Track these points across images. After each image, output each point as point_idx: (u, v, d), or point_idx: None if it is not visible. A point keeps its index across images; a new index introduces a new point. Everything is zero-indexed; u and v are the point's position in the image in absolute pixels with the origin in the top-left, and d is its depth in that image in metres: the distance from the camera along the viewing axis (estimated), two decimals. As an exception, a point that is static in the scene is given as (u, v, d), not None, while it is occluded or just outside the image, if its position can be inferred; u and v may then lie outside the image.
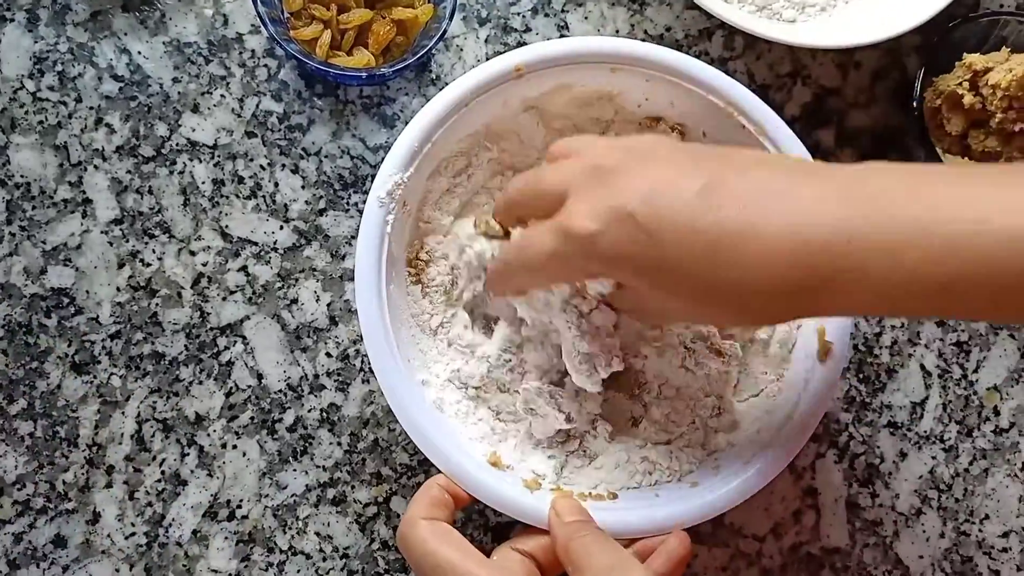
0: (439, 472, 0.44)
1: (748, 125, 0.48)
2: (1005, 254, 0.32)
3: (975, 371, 0.55)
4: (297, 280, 0.52)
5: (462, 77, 0.47)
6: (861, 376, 0.54)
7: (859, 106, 0.57)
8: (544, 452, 0.48)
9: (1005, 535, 0.54)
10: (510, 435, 0.48)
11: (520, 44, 0.55)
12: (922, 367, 0.55)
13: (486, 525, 0.51)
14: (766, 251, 0.35)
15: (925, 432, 0.54)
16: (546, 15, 0.55)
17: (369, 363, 0.51)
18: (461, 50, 0.55)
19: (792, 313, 0.39)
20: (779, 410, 0.47)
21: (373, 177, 0.52)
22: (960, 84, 0.53)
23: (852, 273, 0.34)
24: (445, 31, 0.50)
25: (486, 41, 0.55)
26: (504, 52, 0.50)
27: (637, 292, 0.39)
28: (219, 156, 0.52)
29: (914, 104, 0.53)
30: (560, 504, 0.43)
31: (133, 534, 0.49)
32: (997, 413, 0.55)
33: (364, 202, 0.52)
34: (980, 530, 0.54)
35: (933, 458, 0.54)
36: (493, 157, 0.51)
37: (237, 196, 0.52)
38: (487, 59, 0.53)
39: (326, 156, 0.53)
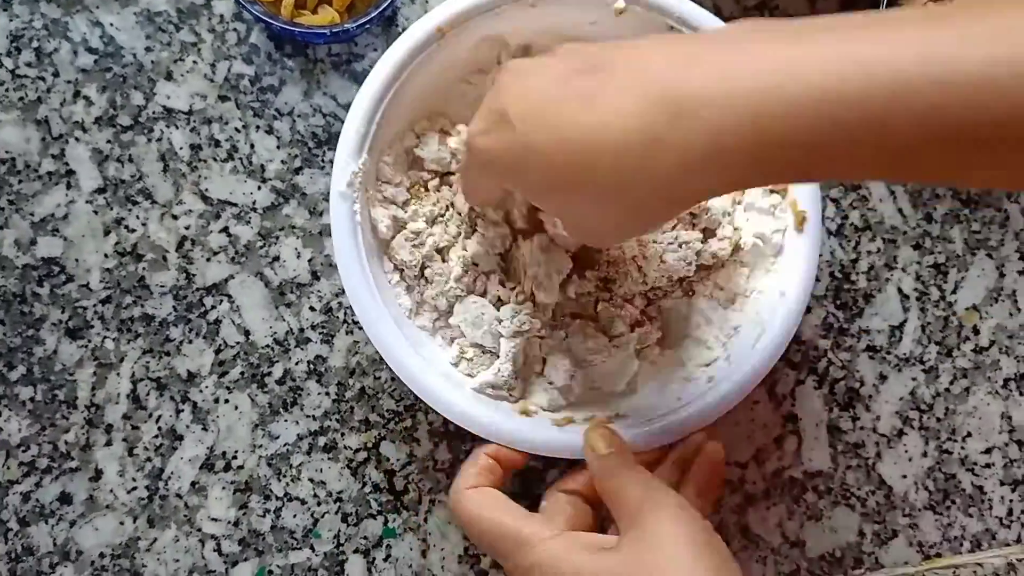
0: (431, 414, 0.47)
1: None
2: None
3: (953, 292, 0.56)
4: (278, 238, 0.53)
5: (388, 51, 0.48)
6: (838, 303, 0.55)
7: (827, 34, 0.57)
8: (540, 384, 0.50)
9: (988, 451, 0.55)
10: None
11: (485, -7, 0.55)
12: (899, 290, 0.55)
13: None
14: (620, 111, 0.33)
15: (904, 354, 0.55)
16: (508, -38, 0.56)
17: (353, 315, 0.53)
18: (427, 1, 0.55)
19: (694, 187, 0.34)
20: (751, 329, 0.49)
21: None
22: (926, 4, 0.53)
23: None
24: (405, -17, 0.50)
25: (450, -8, 0.55)
26: None
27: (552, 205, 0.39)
28: (195, 121, 0.53)
29: (879, 28, 0.53)
30: (592, 438, 0.44)
31: (135, 488, 0.51)
32: (976, 332, 0.56)
33: (338, 158, 0.53)
34: (963, 448, 0.55)
35: (913, 379, 0.55)
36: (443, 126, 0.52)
37: (214, 159, 0.53)
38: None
39: (299, 115, 0.54)
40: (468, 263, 0.49)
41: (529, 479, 0.52)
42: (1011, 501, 0.55)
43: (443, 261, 0.50)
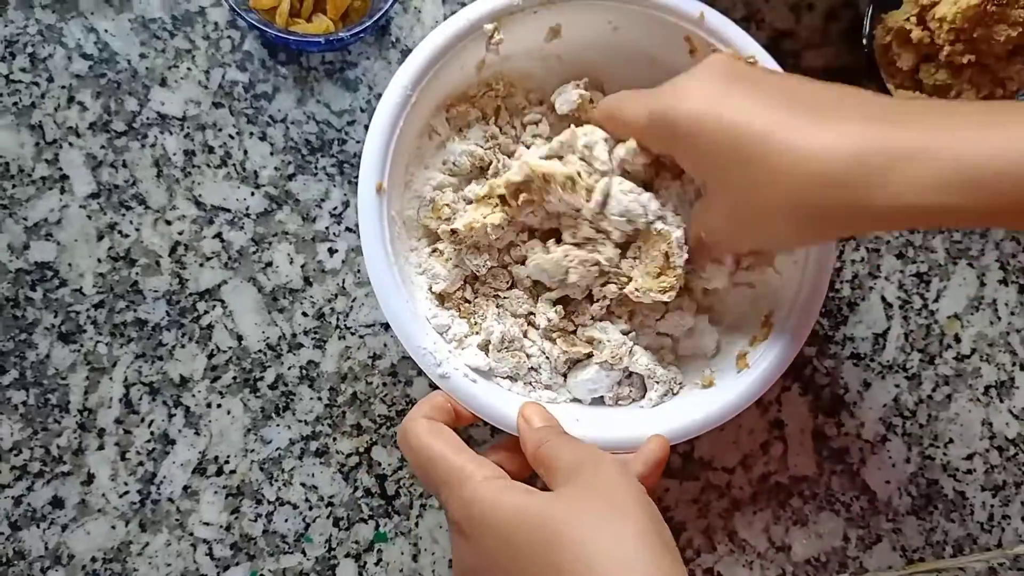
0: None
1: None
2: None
3: (935, 300, 0.57)
4: (271, 244, 0.54)
5: (361, 221, 0.46)
6: (823, 311, 0.56)
7: (813, 47, 0.58)
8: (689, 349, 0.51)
9: (969, 457, 0.56)
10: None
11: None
12: (883, 299, 0.56)
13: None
14: (824, 144, 0.38)
15: (888, 362, 0.56)
16: (501, -27, 0.56)
17: (345, 319, 0.53)
18: (419, 11, 0.56)
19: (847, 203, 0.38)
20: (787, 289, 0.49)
21: (339, 141, 0.54)
22: (908, 19, 0.54)
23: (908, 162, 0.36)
24: (399, -7, 0.51)
25: (443, 1, 0.56)
26: (460, 11, 0.51)
27: (715, 196, 0.43)
28: (188, 127, 0.54)
29: (864, 42, 0.54)
30: (528, 411, 0.45)
31: (127, 492, 0.51)
32: (958, 340, 0.57)
33: (332, 166, 0.54)
34: (945, 454, 0.56)
35: (896, 386, 0.56)
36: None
37: (208, 165, 0.54)
38: (445, 20, 0.55)
39: (292, 122, 0.54)
40: (548, 324, 0.49)
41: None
42: (992, 506, 0.56)
43: (532, 343, 0.50)
